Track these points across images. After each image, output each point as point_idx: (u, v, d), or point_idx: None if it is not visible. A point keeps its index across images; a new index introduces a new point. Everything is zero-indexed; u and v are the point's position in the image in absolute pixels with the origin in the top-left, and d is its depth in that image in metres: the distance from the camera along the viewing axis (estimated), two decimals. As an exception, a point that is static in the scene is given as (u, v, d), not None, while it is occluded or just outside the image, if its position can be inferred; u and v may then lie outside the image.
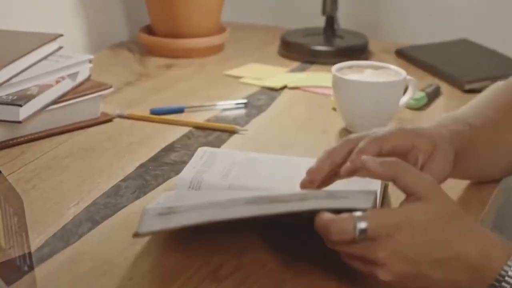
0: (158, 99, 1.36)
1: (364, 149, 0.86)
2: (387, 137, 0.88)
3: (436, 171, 0.88)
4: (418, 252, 0.75)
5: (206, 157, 1.05)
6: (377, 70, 1.25)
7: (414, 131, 0.90)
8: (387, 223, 0.75)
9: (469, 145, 0.96)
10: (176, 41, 1.59)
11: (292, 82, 1.45)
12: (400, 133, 0.90)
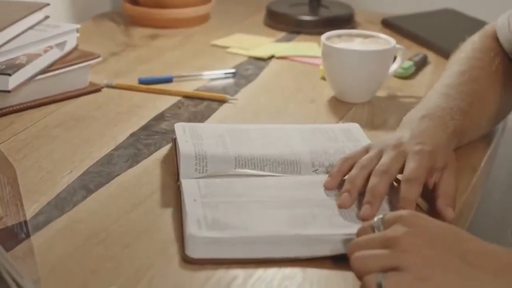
0: (145, 69, 1.35)
1: (410, 196, 0.88)
2: (420, 174, 0.89)
3: (450, 190, 0.91)
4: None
5: (189, 131, 1.03)
6: (366, 39, 1.25)
7: (433, 153, 0.92)
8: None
9: (463, 134, 1.01)
10: (161, 11, 1.58)
11: (280, 52, 1.44)
12: (426, 161, 0.90)
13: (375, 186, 0.88)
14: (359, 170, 0.92)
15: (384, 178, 0.89)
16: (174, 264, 0.80)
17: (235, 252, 0.80)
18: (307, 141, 1.02)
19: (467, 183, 1.00)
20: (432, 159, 0.92)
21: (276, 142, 1.02)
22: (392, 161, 0.91)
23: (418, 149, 0.92)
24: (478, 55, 1.10)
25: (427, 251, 0.72)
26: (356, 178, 0.91)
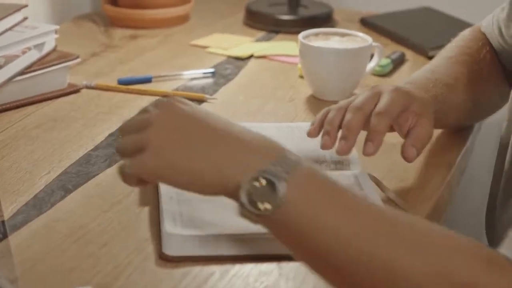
0: (124, 69, 1.36)
1: (380, 128, 0.91)
2: (392, 108, 0.92)
3: (423, 136, 0.94)
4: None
5: None
6: (343, 37, 1.26)
7: (409, 94, 0.95)
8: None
9: (445, 106, 1.02)
10: (141, 12, 1.58)
11: (258, 51, 1.45)
12: (400, 98, 0.94)
13: (349, 121, 0.92)
14: (336, 111, 0.95)
15: (358, 113, 0.92)
16: (151, 262, 0.81)
17: (211, 249, 0.81)
18: (284, 140, 1.03)
19: (442, 179, 1.01)
20: (407, 99, 0.94)
21: None
22: (367, 98, 0.94)
23: (394, 88, 0.95)
24: (467, 44, 1.13)
25: (168, 130, 0.71)
26: (333, 119, 0.94)
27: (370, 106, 0.93)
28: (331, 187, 0.68)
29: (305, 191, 0.67)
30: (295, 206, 0.67)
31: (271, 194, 0.67)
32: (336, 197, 0.68)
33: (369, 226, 0.66)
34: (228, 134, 0.71)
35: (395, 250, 0.65)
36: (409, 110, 0.94)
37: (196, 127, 0.72)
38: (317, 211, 0.67)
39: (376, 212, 0.68)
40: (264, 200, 0.67)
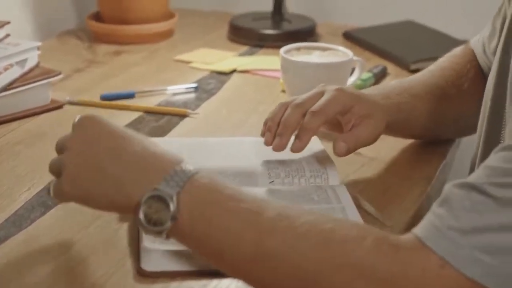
0: (108, 85, 1.36)
1: (310, 126, 0.93)
2: (328, 108, 0.94)
3: (360, 136, 0.97)
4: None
5: None
6: (324, 51, 1.27)
7: (354, 95, 0.97)
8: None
9: (411, 114, 1.04)
10: (125, 28, 1.59)
11: (241, 66, 1.46)
12: (341, 98, 0.96)
13: (286, 118, 0.95)
14: (279, 108, 0.98)
15: (296, 110, 0.95)
16: (130, 278, 0.81)
17: (190, 264, 0.81)
18: (265, 153, 1.04)
19: (422, 192, 1.01)
20: (350, 100, 0.96)
21: (234, 154, 1.04)
22: (309, 96, 0.97)
23: (337, 88, 0.97)
24: (455, 59, 1.13)
25: (80, 156, 0.76)
26: (275, 115, 0.97)
27: (310, 104, 0.95)
28: (225, 195, 0.73)
29: (197, 202, 0.73)
30: (188, 218, 0.72)
31: (164, 209, 0.72)
32: (227, 203, 0.72)
33: (260, 227, 0.71)
34: (130, 154, 0.75)
35: (285, 245, 0.69)
36: (352, 111, 0.96)
37: (104, 151, 0.76)
38: (208, 219, 0.72)
39: (269, 210, 0.71)
40: (159, 216, 0.72)
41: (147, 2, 1.60)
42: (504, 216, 0.65)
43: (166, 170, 0.73)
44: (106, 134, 0.78)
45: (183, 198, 0.72)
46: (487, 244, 0.64)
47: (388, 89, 1.04)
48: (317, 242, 0.69)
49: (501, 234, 0.64)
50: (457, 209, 0.66)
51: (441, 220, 0.66)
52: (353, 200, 0.94)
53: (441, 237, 0.66)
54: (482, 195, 0.66)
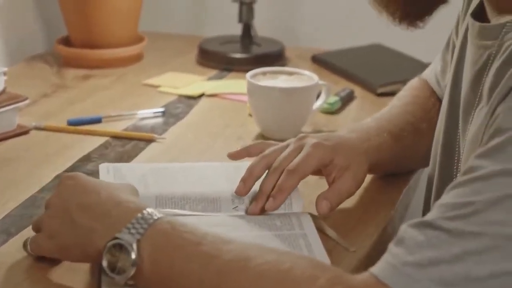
0: (75, 110, 1.36)
1: (286, 185, 0.94)
2: (305, 166, 0.95)
3: (341, 189, 0.97)
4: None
5: (113, 172, 1.05)
6: (290, 75, 1.27)
7: (333, 148, 0.97)
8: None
9: (390, 153, 1.05)
10: (94, 52, 1.59)
11: (210, 90, 1.46)
12: (318, 154, 0.96)
13: (264, 182, 0.96)
14: (260, 159, 0.98)
15: (274, 174, 0.95)
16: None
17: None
18: (230, 179, 1.04)
19: (385, 216, 1.02)
20: (328, 154, 0.96)
21: (199, 180, 1.04)
22: (288, 157, 0.96)
23: (315, 142, 0.97)
24: (416, 93, 1.14)
25: (57, 214, 0.83)
26: (254, 167, 0.97)
27: (287, 163, 0.96)
28: (184, 240, 0.76)
29: (158, 248, 0.76)
30: (150, 264, 0.76)
31: (126, 257, 0.76)
32: (186, 248, 0.76)
33: (218, 270, 0.73)
34: (98, 206, 0.81)
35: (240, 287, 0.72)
36: (332, 163, 0.97)
37: (76, 206, 0.82)
38: (169, 264, 0.75)
39: (228, 252, 0.74)
40: (121, 264, 0.76)
41: (116, 26, 1.61)
42: (457, 246, 0.66)
43: (128, 219, 0.79)
44: (80, 190, 0.84)
45: (143, 245, 0.76)
46: (443, 276, 0.65)
47: (366, 130, 1.05)
48: (272, 283, 0.71)
49: (456, 264, 0.66)
50: (412, 246, 0.68)
51: (397, 258, 0.68)
52: (317, 226, 0.95)
53: (397, 273, 0.67)
54: (435, 230, 0.68)
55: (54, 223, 0.83)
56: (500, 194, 0.67)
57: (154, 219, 0.78)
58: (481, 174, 0.68)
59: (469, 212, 0.67)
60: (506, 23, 0.80)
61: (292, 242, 0.90)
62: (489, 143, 0.70)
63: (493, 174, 0.68)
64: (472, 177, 0.69)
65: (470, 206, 0.67)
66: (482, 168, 0.68)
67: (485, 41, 0.83)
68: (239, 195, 0.97)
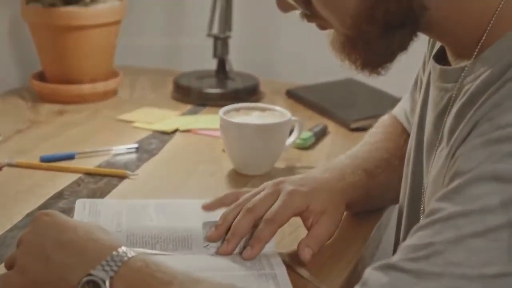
0: (49, 146, 1.36)
1: (264, 235, 0.95)
2: (282, 215, 0.96)
3: (320, 235, 0.98)
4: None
5: (88, 208, 1.05)
6: (264, 111, 1.28)
7: (308, 194, 0.99)
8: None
9: (364, 192, 1.06)
10: (68, 87, 1.59)
11: (184, 125, 1.47)
12: (294, 202, 0.97)
13: (236, 224, 0.96)
14: (234, 208, 0.98)
15: (248, 216, 0.96)
16: None
17: None
18: (203, 216, 1.04)
19: (356, 253, 1.02)
20: (304, 201, 0.97)
21: (172, 217, 1.04)
22: (262, 200, 0.97)
23: (291, 190, 0.98)
24: (388, 129, 1.15)
25: (31, 251, 0.83)
26: (228, 215, 0.98)
27: (263, 209, 0.97)
28: (156, 279, 0.78)
29: (129, 285, 0.78)
30: None
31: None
32: (156, 286, 0.77)
33: None
34: (74, 243, 0.82)
35: None
36: (309, 209, 0.98)
37: (51, 242, 0.82)
38: None
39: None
40: None
41: (91, 62, 1.61)
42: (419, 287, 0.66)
43: (103, 256, 0.80)
44: (57, 227, 0.84)
45: (116, 282, 0.78)
46: None
47: (341, 168, 1.05)
48: None
49: None
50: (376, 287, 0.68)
51: None
52: (288, 264, 0.95)
53: None
54: (398, 272, 0.69)
55: (28, 259, 0.82)
56: (460, 235, 0.68)
57: (128, 257, 0.79)
58: (441, 216, 0.69)
59: (430, 253, 0.68)
60: (465, 67, 0.81)
61: (262, 282, 0.90)
62: (449, 185, 0.71)
63: (452, 216, 0.69)
64: (433, 219, 0.70)
65: (431, 247, 0.68)
66: (443, 210, 0.70)
67: (445, 84, 0.84)
68: (211, 240, 0.98)
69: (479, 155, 0.70)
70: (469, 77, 0.80)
